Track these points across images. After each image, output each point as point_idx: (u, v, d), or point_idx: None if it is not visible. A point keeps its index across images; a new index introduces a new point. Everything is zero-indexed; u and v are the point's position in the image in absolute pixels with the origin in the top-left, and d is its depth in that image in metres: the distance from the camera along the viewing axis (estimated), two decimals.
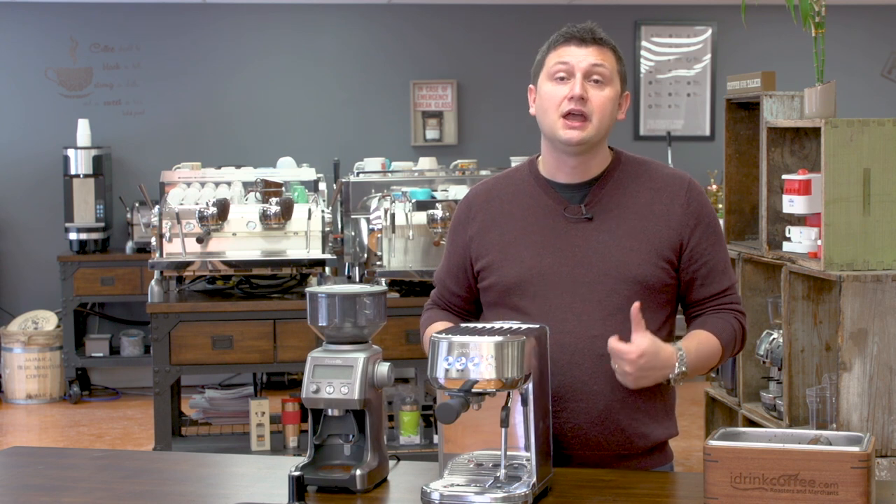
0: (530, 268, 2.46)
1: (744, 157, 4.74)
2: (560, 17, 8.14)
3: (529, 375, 2.16)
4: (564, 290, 2.44)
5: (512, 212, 2.53)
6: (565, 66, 2.44)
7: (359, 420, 2.34)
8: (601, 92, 2.44)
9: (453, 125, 8.17)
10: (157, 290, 5.02)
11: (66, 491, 2.35)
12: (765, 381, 4.53)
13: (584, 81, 2.43)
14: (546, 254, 2.46)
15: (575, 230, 2.47)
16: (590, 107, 2.43)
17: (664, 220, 2.46)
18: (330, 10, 8.12)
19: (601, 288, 2.43)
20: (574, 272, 2.44)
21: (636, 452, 2.47)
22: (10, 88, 7.90)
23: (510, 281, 2.48)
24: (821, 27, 3.98)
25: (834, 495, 1.98)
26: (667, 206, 2.47)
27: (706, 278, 2.50)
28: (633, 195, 2.49)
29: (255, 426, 5.21)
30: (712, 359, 2.47)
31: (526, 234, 2.49)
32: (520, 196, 2.54)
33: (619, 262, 2.43)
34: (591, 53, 2.45)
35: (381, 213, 5.04)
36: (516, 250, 2.49)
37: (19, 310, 7.81)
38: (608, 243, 2.45)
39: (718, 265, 2.51)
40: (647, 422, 2.46)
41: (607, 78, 2.44)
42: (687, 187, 2.50)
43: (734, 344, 2.52)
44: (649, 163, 2.56)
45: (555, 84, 2.46)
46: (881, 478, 3.70)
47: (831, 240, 3.84)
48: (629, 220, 2.46)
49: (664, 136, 8.13)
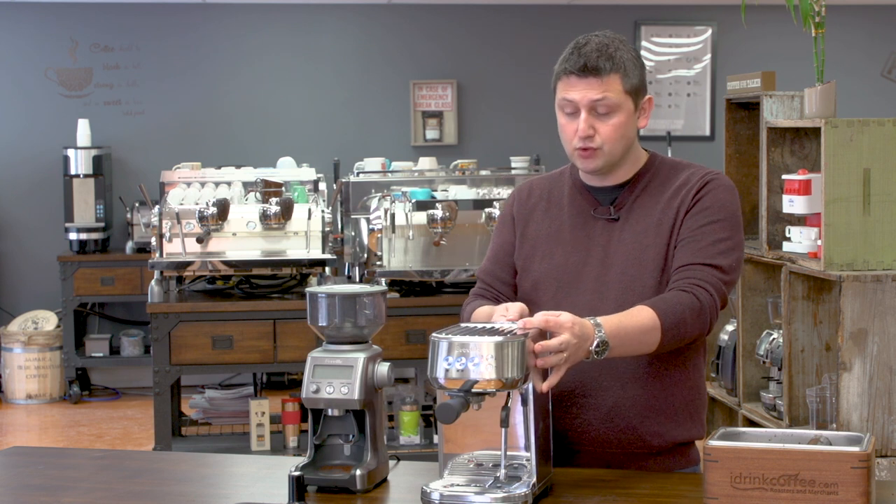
0: (558, 265, 2.52)
1: (744, 157, 4.74)
2: (560, 17, 8.17)
3: (529, 375, 2.16)
4: (586, 288, 2.48)
5: (548, 210, 2.58)
6: (570, 103, 2.45)
7: (359, 420, 2.34)
8: (608, 121, 2.44)
9: (453, 125, 8.17)
10: (157, 290, 5.02)
11: (66, 491, 2.35)
12: (765, 381, 4.53)
13: (589, 116, 2.44)
14: (573, 252, 2.51)
15: (601, 230, 2.51)
16: (598, 139, 2.45)
17: (676, 213, 2.48)
18: (330, 9, 8.12)
19: (618, 286, 2.46)
20: (597, 271, 2.48)
21: (652, 452, 2.46)
22: (10, 88, 7.90)
23: (540, 276, 2.53)
24: (821, 27, 3.98)
25: (834, 495, 1.98)
26: (681, 200, 2.48)
27: (679, 252, 2.44)
28: (657, 196, 2.51)
29: (255, 426, 5.21)
30: (647, 335, 2.31)
31: (559, 233, 2.55)
32: (556, 195, 2.60)
33: (636, 260, 2.46)
34: (592, 87, 2.42)
35: (381, 213, 5.04)
36: (548, 248, 2.54)
37: (19, 310, 7.81)
38: (628, 242, 2.48)
39: (698, 243, 2.42)
40: (663, 421, 2.45)
41: (613, 106, 2.43)
42: (704, 179, 2.49)
43: (683, 322, 2.34)
44: (682, 164, 2.56)
45: (564, 118, 2.49)
46: (881, 478, 3.70)
47: (831, 240, 3.84)
48: (649, 219, 2.49)
49: (664, 136, 8.13)
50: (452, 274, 5.04)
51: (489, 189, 5.38)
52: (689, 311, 2.35)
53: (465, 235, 5.06)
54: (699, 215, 2.45)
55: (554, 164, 5.28)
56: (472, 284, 5.07)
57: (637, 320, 2.31)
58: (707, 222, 2.44)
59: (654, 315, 2.32)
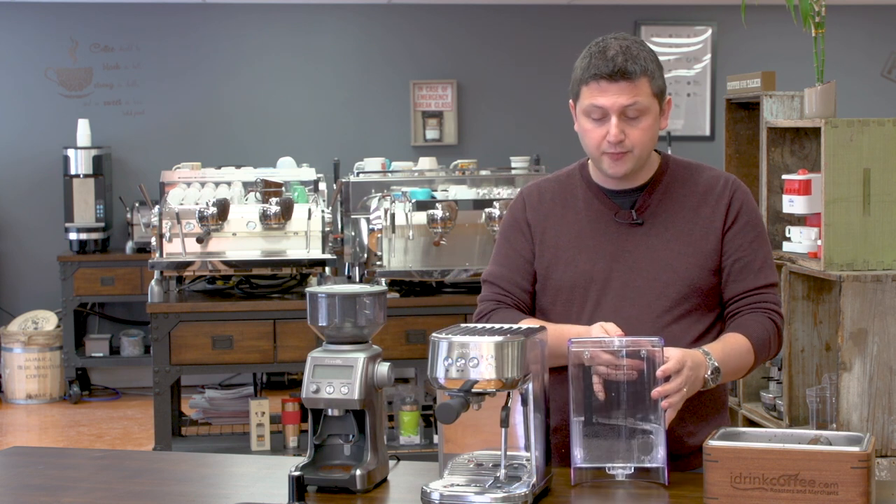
0: (584, 272, 2.49)
1: (744, 157, 4.74)
2: (560, 17, 8.17)
3: (529, 375, 2.16)
4: (615, 294, 2.47)
5: (564, 215, 2.55)
6: (599, 109, 2.42)
7: (359, 420, 2.34)
8: (638, 125, 2.43)
9: (453, 125, 8.17)
10: (157, 290, 5.02)
11: (66, 491, 2.35)
12: (765, 381, 4.54)
13: (620, 121, 2.42)
14: (598, 258, 2.49)
15: (626, 235, 2.50)
16: (628, 143, 2.43)
17: (709, 223, 2.49)
18: (330, 10, 8.12)
19: (651, 292, 2.46)
20: (625, 277, 2.47)
21: (686, 453, 2.45)
22: (10, 88, 7.90)
23: (564, 284, 2.51)
24: (821, 27, 3.98)
25: (834, 495, 1.98)
26: (712, 209, 2.50)
27: (740, 273, 2.49)
28: (680, 200, 2.51)
29: (255, 426, 5.21)
30: (744, 359, 2.43)
31: (580, 239, 2.52)
32: (571, 200, 2.56)
33: (668, 266, 2.46)
34: (624, 91, 2.40)
35: (381, 213, 5.04)
36: (570, 255, 2.51)
37: (19, 310, 7.81)
38: (658, 248, 2.48)
39: (755, 262, 2.49)
40: (695, 420, 2.45)
41: (643, 110, 2.42)
42: (731, 187, 2.52)
43: (769, 345, 2.47)
44: (695, 166, 2.58)
45: (590, 123, 2.45)
46: (881, 478, 3.70)
47: (831, 240, 3.84)
48: (678, 225, 2.49)
49: (664, 135, 8.13)
50: (452, 274, 5.04)
51: (489, 189, 5.37)
52: (772, 335, 2.49)
53: (465, 235, 5.06)
54: (745, 231, 2.50)
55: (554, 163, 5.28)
56: (472, 284, 5.13)
57: (735, 345, 2.41)
58: (754, 237, 2.51)
59: (747, 340, 2.43)
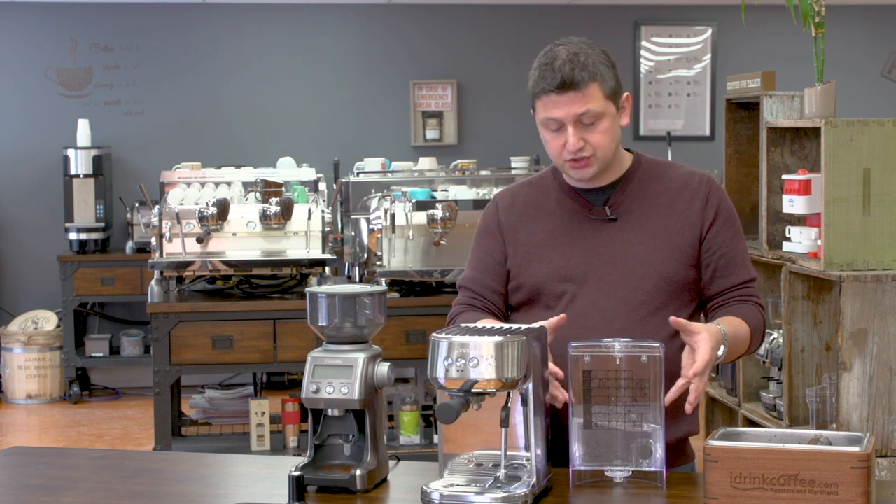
0: (558, 268, 2.51)
1: (744, 157, 4.74)
2: (560, 17, 8.17)
3: (529, 375, 2.16)
4: (591, 289, 2.49)
5: (537, 215, 2.58)
6: (554, 120, 2.45)
7: (359, 420, 2.34)
8: (596, 130, 2.45)
9: (453, 125, 8.17)
10: (157, 290, 5.02)
11: (66, 491, 2.35)
12: (765, 381, 4.53)
13: (576, 129, 2.44)
14: (573, 254, 2.51)
15: (600, 231, 2.52)
16: (589, 148, 2.46)
17: (685, 217, 2.52)
18: (330, 10, 8.12)
19: (626, 286, 2.48)
20: (600, 272, 2.49)
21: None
22: (10, 88, 7.90)
23: (537, 281, 2.53)
24: (821, 27, 3.98)
25: (834, 495, 1.98)
26: (687, 204, 2.53)
27: (726, 269, 2.53)
28: (654, 196, 2.54)
29: (255, 426, 5.21)
30: (744, 343, 2.49)
31: (552, 237, 2.54)
32: (545, 200, 2.59)
33: (643, 261, 2.48)
34: (574, 101, 2.42)
35: (381, 213, 5.04)
36: (543, 251, 2.54)
37: (19, 310, 7.81)
38: (633, 242, 2.50)
39: (738, 258, 2.54)
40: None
41: (598, 115, 2.44)
42: (706, 184, 2.56)
43: (760, 333, 2.55)
44: (668, 164, 2.61)
45: (549, 134, 2.48)
46: (881, 478, 3.70)
47: (831, 240, 3.84)
48: (652, 220, 2.52)
49: (664, 136, 8.13)
50: (452, 274, 5.04)
51: (489, 189, 5.38)
52: (762, 323, 2.56)
53: (464, 235, 5.06)
54: (725, 228, 2.53)
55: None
56: None
57: (741, 330, 2.46)
58: (734, 233, 2.55)
59: (749, 330, 2.48)
